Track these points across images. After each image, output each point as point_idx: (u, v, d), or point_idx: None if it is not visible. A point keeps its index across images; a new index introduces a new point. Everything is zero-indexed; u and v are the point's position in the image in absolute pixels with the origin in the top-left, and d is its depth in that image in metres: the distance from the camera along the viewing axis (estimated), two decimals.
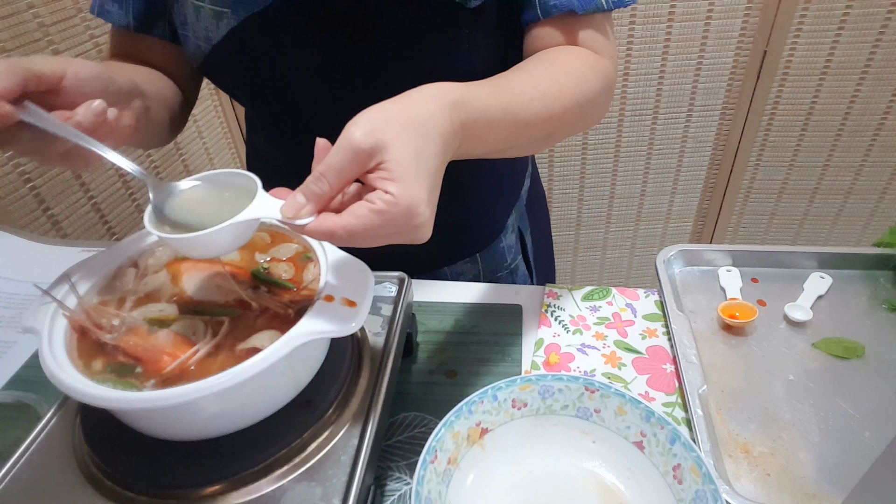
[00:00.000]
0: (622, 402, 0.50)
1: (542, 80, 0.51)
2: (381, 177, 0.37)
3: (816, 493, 0.49)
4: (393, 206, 0.36)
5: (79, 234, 1.11)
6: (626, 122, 1.51)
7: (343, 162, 0.37)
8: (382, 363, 0.51)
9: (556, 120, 0.52)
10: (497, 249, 0.80)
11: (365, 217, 0.37)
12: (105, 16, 0.62)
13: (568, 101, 0.52)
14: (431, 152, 0.39)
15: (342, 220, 0.37)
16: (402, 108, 0.40)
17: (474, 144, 0.45)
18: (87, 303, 0.46)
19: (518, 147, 0.52)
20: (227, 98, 1.52)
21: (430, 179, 0.39)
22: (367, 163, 0.37)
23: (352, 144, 0.37)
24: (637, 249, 1.78)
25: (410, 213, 0.37)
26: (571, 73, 0.53)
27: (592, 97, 0.55)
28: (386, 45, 0.57)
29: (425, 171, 0.38)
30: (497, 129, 0.47)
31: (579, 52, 0.56)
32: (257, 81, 0.62)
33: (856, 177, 1.55)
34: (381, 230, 0.37)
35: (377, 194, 0.37)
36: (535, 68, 0.53)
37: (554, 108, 0.51)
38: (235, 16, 0.56)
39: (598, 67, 0.56)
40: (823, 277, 0.69)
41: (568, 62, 0.54)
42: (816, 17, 1.32)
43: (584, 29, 0.57)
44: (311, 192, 0.38)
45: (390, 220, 0.37)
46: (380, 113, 0.39)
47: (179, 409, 0.40)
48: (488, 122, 0.45)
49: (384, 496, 0.50)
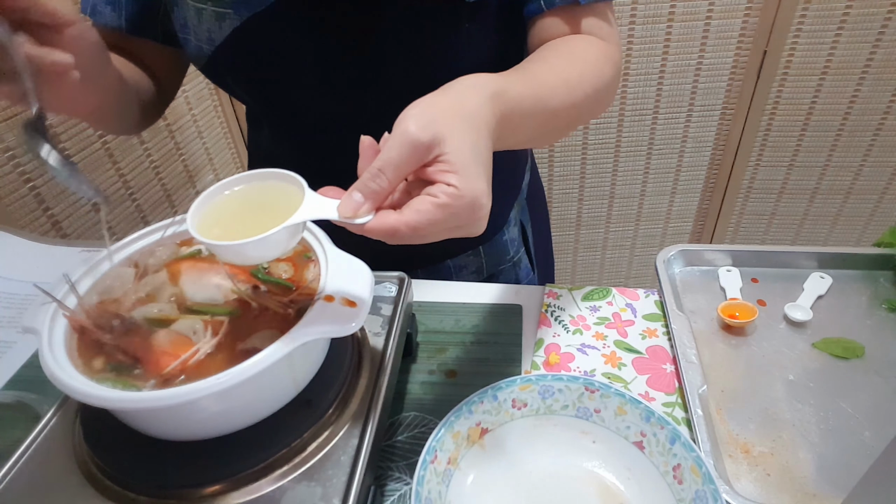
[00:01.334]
0: (622, 402, 0.50)
1: (562, 69, 0.51)
2: (441, 169, 0.37)
3: (816, 493, 0.49)
4: (457, 199, 0.36)
5: (79, 234, 1.11)
6: (626, 122, 1.51)
7: (402, 156, 0.36)
8: (382, 363, 0.51)
9: (579, 107, 0.52)
10: (500, 242, 0.80)
11: (429, 212, 0.36)
12: (97, 17, 0.62)
13: (589, 88, 0.52)
14: (484, 144, 0.39)
15: (405, 216, 0.36)
16: (450, 100, 0.39)
17: (510, 135, 0.45)
18: (87, 303, 0.46)
19: (544, 136, 0.53)
20: (227, 98, 1.52)
21: (487, 170, 0.38)
22: (426, 156, 0.37)
23: (410, 138, 0.36)
24: (637, 249, 1.78)
25: (474, 205, 0.37)
26: (587, 60, 0.54)
27: (607, 83, 0.55)
28: (387, 42, 0.58)
29: (482, 163, 0.38)
30: (530, 119, 0.47)
31: (590, 41, 0.57)
32: (260, 80, 0.62)
33: (856, 177, 1.55)
34: (445, 224, 0.37)
35: (439, 188, 0.36)
36: (553, 58, 0.53)
37: (577, 96, 0.51)
38: (238, 16, 0.56)
39: (608, 54, 0.56)
40: (823, 277, 0.69)
41: (581, 51, 0.55)
42: (816, 17, 1.32)
43: (587, 17, 0.57)
44: (369, 190, 0.37)
45: (454, 214, 0.36)
46: (432, 106, 0.38)
47: (179, 409, 0.40)
48: (522, 112, 0.45)
49: (384, 496, 0.50)
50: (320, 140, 0.67)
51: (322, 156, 0.68)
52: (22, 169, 0.99)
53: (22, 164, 0.98)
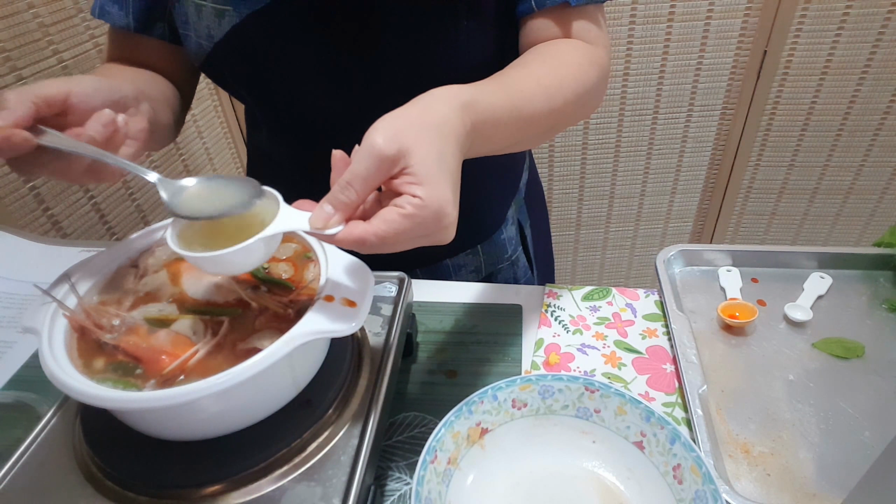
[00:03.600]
0: (622, 402, 0.50)
1: (542, 74, 0.52)
2: (407, 181, 0.37)
3: (816, 493, 0.49)
4: (422, 209, 0.37)
5: (79, 234, 1.11)
6: (626, 122, 1.51)
7: (369, 169, 0.37)
8: (382, 363, 0.51)
9: (558, 113, 0.52)
10: (498, 241, 0.80)
11: (395, 222, 0.37)
12: (105, 17, 0.62)
13: (569, 94, 0.53)
14: (451, 153, 0.40)
15: (372, 226, 0.37)
16: (418, 112, 0.40)
17: (483, 143, 0.46)
18: (87, 303, 0.46)
19: (522, 142, 0.53)
20: (227, 98, 1.52)
21: (453, 180, 0.39)
22: (392, 168, 0.38)
23: (375, 151, 0.37)
24: (637, 249, 1.78)
25: (439, 214, 0.37)
26: (570, 65, 0.54)
27: (590, 87, 0.56)
28: (387, 40, 0.58)
29: (448, 173, 0.39)
30: (504, 128, 0.47)
31: (575, 45, 0.57)
32: (259, 78, 0.62)
33: (856, 177, 1.55)
34: (412, 233, 0.37)
35: (405, 199, 0.37)
36: (534, 63, 0.54)
37: (556, 102, 0.51)
38: (237, 13, 0.56)
39: (594, 58, 0.57)
40: (823, 277, 0.69)
41: (565, 55, 0.55)
42: (816, 17, 1.32)
43: (577, 20, 0.58)
44: (338, 202, 0.38)
45: (420, 223, 0.37)
46: (398, 119, 0.39)
47: (179, 409, 0.40)
48: (496, 121, 0.46)
49: (384, 496, 0.50)
50: (318, 139, 0.67)
51: (319, 155, 0.68)
52: None
53: None
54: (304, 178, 0.73)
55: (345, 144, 0.41)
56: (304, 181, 0.73)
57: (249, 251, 0.40)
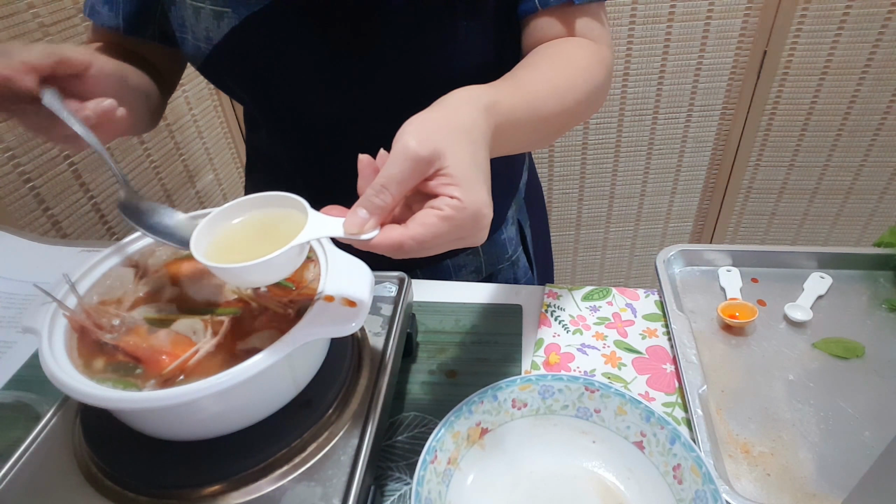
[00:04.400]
0: (622, 402, 0.50)
1: (553, 75, 0.52)
2: (443, 182, 0.37)
3: (816, 493, 0.49)
4: (461, 211, 0.36)
5: (79, 234, 1.11)
6: (626, 122, 1.51)
7: (404, 172, 0.37)
8: (382, 363, 0.51)
9: (570, 113, 0.53)
10: (498, 241, 0.80)
11: (434, 225, 0.36)
12: (95, 17, 0.62)
13: (580, 94, 0.53)
14: (482, 155, 0.40)
15: (409, 230, 0.37)
16: (446, 115, 0.40)
17: (503, 145, 0.46)
18: (87, 303, 0.46)
19: (535, 143, 0.54)
20: (227, 98, 1.52)
21: (487, 181, 0.39)
22: (427, 170, 0.37)
23: (410, 153, 0.37)
24: (637, 249, 1.78)
25: (477, 215, 0.37)
26: (578, 65, 0.54)
27: (598, 86, 0.56)
28: (386, 41, 0.58)
29: (482, 174, 0.39)
30: (522, 129, 0.48)
31: (581, 44, 0.57)
32: (258, 80, 0.62)
33: (856, 177, 1.55)
34: (450, 236, 0.37)
35: (443, 200, 0.37)
36: (544, 64, 0.54)
37: (568, 102, 0.52)
38: (236, 15, 0.56)
39: (600, 57, 0.57)
40: (823, 277, 0.69)
41: (573, 55, 0.55)
42: (816, 17, 1.32)
43: (581, 18, 0.58)
44: (373, 206, 0.37)
45: (459, 225, 0.37)
46: (427, 121, 0.39)
47: (179, 409, 0.40)
48: (515, 122, 0.46)
49: (384, 496, 0.50)
50: (317, 139, 0.67)
51: (319, 156, 0.69)
52: (22, 169, 0.99)
53: (22, 164, 0.98)
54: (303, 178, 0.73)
55: (344, 145, 0.41)
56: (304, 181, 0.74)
57: (277, 263, 0.38)
